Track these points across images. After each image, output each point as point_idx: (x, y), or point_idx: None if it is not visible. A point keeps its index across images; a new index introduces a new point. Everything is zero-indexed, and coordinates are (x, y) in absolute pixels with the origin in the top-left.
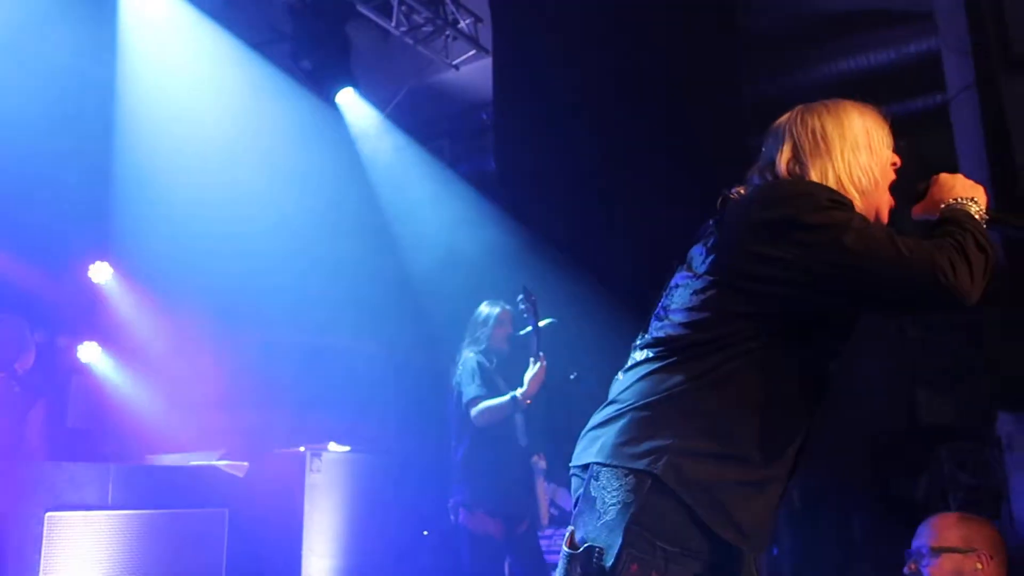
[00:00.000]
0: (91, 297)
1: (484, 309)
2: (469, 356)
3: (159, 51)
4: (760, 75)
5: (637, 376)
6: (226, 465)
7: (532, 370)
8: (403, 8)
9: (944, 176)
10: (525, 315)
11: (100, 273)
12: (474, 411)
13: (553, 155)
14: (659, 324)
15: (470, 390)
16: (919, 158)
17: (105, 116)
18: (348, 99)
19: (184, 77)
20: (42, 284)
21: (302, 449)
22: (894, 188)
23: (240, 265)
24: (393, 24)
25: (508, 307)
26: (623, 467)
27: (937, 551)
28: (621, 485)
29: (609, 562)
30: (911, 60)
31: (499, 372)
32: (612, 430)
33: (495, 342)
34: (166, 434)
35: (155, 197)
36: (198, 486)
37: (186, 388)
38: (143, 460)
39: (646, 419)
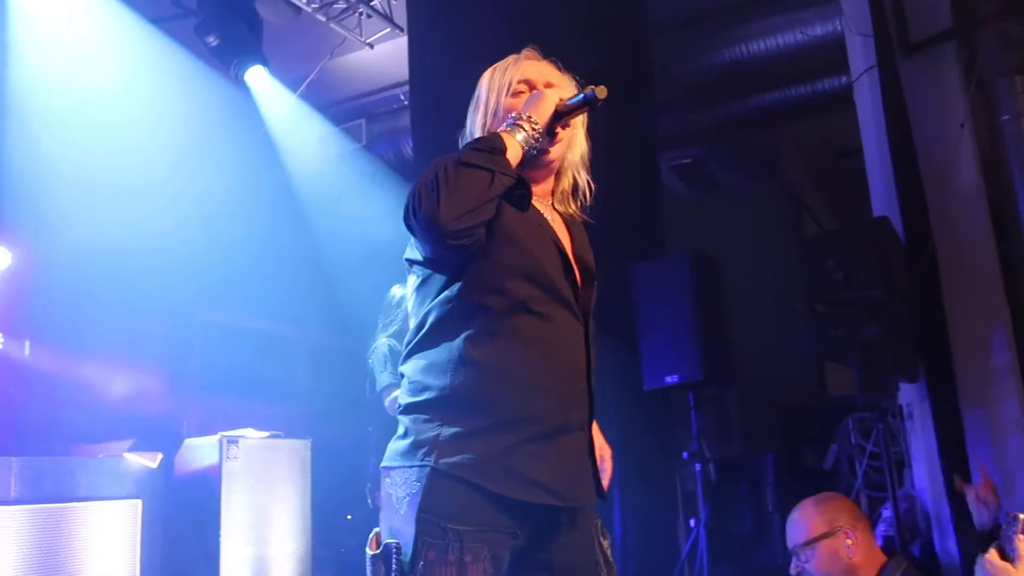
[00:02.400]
0: None
1: (396, 291)
2: (382, 342)
3: (52, 27)
4: (668, 58)
5: (405, 364)
6: (138, 455)
7: None
8: None
9: (545, 96)
10: None
11: None
12: (387, 400)
13: None
14: None
15: (382, 378)
16: (825, 139)
17: None
18: (258, 78)
19: (80, 54)
20: None
21: (218, 436)
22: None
23: (147, 249)
24: (304, 0)
25: None
26: (404, 466)
27: (810, 544)
28: (407, 478)
29: (408, 555)
30: (817, 42)
31: None
32: (396, 432)
33: (408, 324)
34: (74, 425)
35: (52, 180)
36: (109, 477)
37: (94, 377)
38: (51, 452)
39: (409, 421)
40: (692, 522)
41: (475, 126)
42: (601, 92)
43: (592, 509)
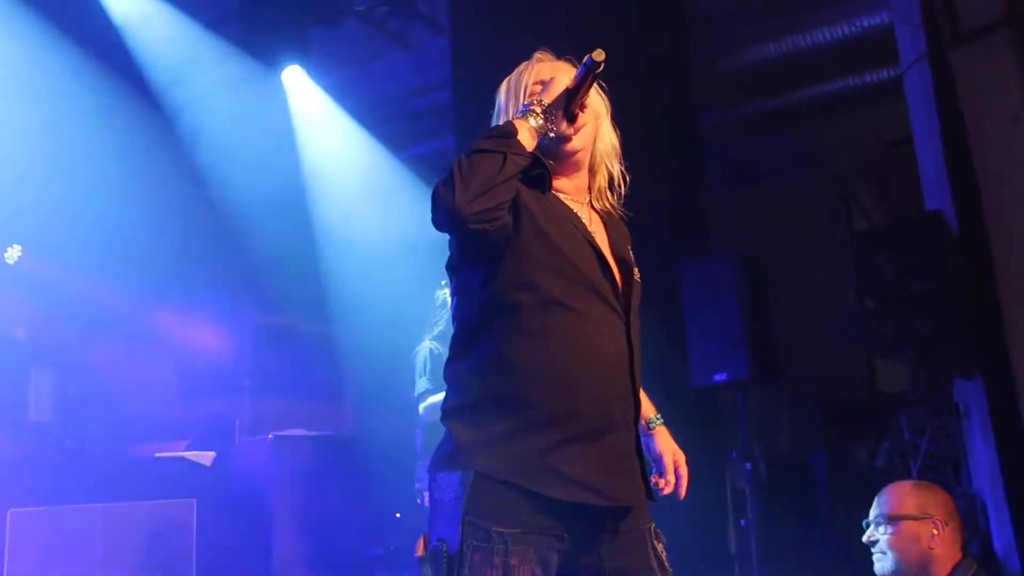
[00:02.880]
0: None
1: (441, 293)
2: (424, 345)
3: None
4: (713, 53)
5: (448, 368)
6: (193, 455)
7: None
8: None
9: (556, 78)
10: None
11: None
12: (421, 407)
13: None
14: None
15: (419, 384)
16: (873, 130)
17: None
18: (294, 77)
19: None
20: None
21: (269, 436)
22: None
23: (193, 248)
24: (348, 3)
25: None
26: (448, 471)
27: (895, 519)
28: (451, 482)
29: (454, 558)
30: (864, 34)
31: None
32: (440, 439)
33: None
34: (132, 425)
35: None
36: (165, 477)
37: (149, 377)
38: (109, 453)
39: (451, 425)
40: (743, 521)
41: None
42: (598, 55)
43: (646, 512)
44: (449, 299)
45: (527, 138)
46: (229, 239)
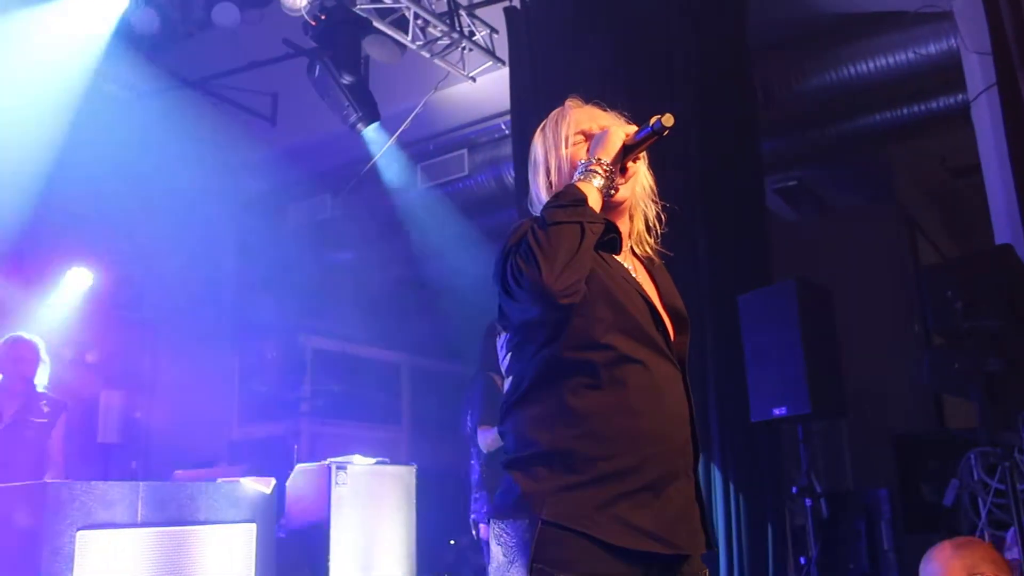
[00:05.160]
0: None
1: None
2: (481, 375)
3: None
4: (775, 79)
5: (506, 421)
6: (253, 480)
7: None
8: (419, 22)
9: (610, 132)
10: None
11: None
12: (479, 436)
13: None
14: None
15: (476, 414)
16: (940, 158)
17: None
18: (373, 132)
19: None
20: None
21: (327, 462)
22: None
23: (254, 273)
24: (409, 38)
25: None
26: (514, 519)
27: None
28: (517, 530)
29: None
30: (930, 61)
31: None
32: (502, 487)
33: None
34: (194, 449)
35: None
36: (226, 502)
37: (211, 402)
38: (171, 476)
39: (516, 475)
40: (803, 560)
41: (539, 189)
42: (667, 120)
43: (700, 560)
44: (504, 355)
45: (596, 201)
46: (292, 264)
